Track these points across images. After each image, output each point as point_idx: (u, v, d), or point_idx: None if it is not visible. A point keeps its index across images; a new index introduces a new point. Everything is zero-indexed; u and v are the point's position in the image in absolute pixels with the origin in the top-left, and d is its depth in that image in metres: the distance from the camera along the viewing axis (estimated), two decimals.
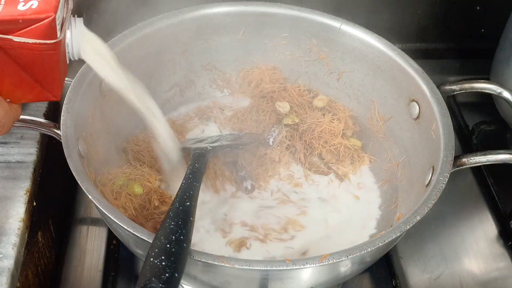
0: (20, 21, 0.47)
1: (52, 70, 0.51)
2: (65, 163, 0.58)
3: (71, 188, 0.79)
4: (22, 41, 0.47)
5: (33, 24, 0.47)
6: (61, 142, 0.60)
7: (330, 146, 0.76)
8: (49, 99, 0.53)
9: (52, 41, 0.49)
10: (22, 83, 0.51)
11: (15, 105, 0.52)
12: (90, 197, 0.56)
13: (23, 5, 0.47)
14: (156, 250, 0.49)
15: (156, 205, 0.67)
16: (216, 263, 0.51)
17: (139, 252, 0.58)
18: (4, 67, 0.49)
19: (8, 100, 0.52)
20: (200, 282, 0.57)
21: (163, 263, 0.48)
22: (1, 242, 0.58)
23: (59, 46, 0.50)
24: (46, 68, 0.51)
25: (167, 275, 0.47)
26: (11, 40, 0.47)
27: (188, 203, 0.56)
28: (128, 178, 0.67)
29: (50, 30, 0.48)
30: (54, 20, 0.47)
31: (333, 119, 0.78)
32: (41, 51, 0.48)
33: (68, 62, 0.54)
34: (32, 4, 0.47)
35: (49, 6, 0.48)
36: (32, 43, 0.48)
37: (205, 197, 0.71)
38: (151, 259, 0.48)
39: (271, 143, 0.76)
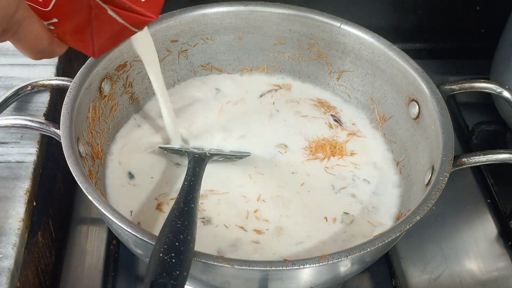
0: (127, 6, 0.48)
1: (113, 39, 0.52)
2: (65, 163, 0.58)
3: (71, 188, 0.79)
4: (113, 16, 0.48)
5: (135, 14, 0.48)
6: (61, 142, 0.60)
7: (330, 148, 0.76)
8: (88, 52, 0.53)
9: (136, 30, 0.50)
10: (79, 31, 0.51)
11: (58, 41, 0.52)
12: (90, 197, 0.55)
13: None
14: (165, 246, 0.49)
15: None
16: (215, 263, 0.51)
17: (139, 252, 0.58)
18: (76, 13, 0.49)
19: (55, 35, 0.51)
20: (200, 282, 0.57)
21: (173, 260, 0.48)
22: (1, 242, 0.58)
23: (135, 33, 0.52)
24: (109, 36, 0.51)
25: (177, 272, 0.47)
26: (105, 9, 0.47)
27: (192, 205, 0.56)
28: None
29: (142, 25, 0.50)
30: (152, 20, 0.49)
31: (333, 120, 0.78)
32: (119, 28, 0.49)
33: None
34: None
35: (156, 8, 0.49)
36: (120, 22, 0.49)
37: None
38: (161, 254, 0.48)
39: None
